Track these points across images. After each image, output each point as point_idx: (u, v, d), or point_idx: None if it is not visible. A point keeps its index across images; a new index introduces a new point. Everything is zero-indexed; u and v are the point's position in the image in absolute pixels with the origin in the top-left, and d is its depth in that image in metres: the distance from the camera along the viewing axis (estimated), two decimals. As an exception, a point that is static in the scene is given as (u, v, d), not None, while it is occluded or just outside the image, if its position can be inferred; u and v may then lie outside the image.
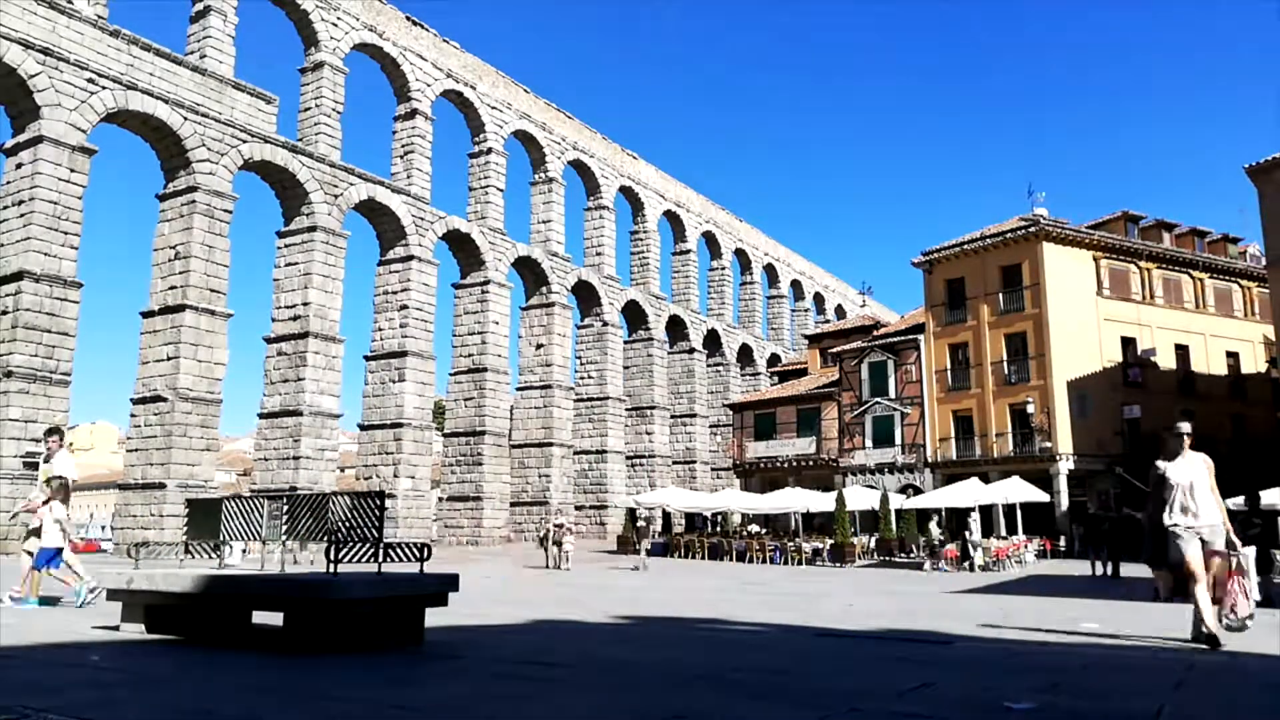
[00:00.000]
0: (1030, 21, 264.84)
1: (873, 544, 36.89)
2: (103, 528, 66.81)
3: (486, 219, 52.03)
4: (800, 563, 34.97)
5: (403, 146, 48.71)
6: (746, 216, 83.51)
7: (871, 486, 41.68)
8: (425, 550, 7.54)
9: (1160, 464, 8.65)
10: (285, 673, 5.55)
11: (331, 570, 6.81)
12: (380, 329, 47.37)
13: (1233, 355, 44.42)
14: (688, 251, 69.75)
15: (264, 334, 43.12)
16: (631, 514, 45.49)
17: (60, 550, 10.62)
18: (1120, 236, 43.25)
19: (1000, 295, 41.17)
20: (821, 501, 38.25)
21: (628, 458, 60.96)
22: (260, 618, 7.56)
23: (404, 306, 46.56)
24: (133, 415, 37.32)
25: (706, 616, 12.07)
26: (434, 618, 7.48)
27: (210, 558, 8.59)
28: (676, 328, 67.16)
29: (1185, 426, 8.69)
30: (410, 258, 46.94)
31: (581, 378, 59.57)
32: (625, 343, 62.72)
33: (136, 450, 36.94)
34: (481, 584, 18.17)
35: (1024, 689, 5.35)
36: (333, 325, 42.59)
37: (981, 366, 41.21)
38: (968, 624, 11.18)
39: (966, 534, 31.28)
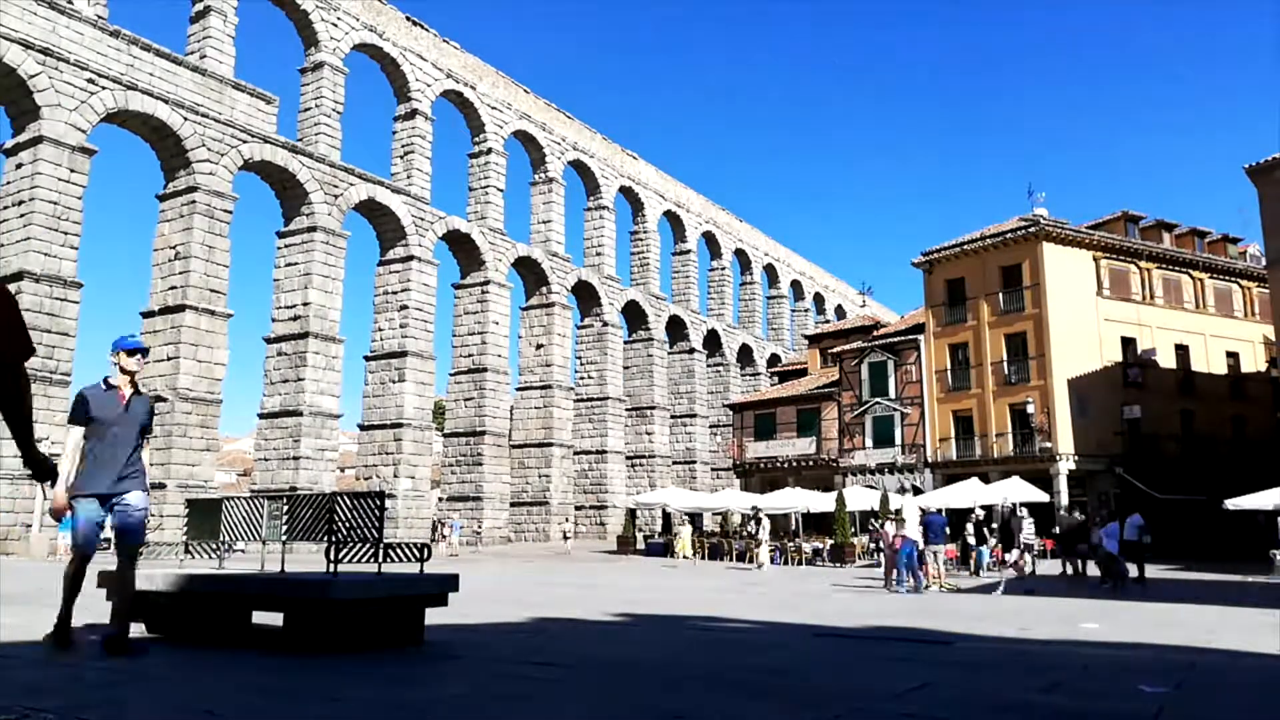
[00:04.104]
0: (1029, 21, 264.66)
1: (872, 544, 36.88)
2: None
3: (486, 219, 52.04)
4: (800, 563, 35.00)
5: (403, 146, 48.72)
6: (746, 216, 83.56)
7: (871, 487, 41.67)
8: (425, 550, 7.54)
9: None
10: (285, 673, 5.55)
11: (331, 570, 6.81)
12: (380, 329, 47.38)
13: (1233, 355, 44.42)
14: (688, 251, 69.76)
15: (264, 334, 43.17)
16: (632, 514, 45.49)
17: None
18: (1120, 236, 43.25)
19: (1000, 295, 41.17)
20: (821, 501, 38.25)
21: (628, 458, 60.97)
22: (260, 618, 7.56)
23: (404, 306, 46.56)
24: (133, 415, 37.29)
25: (706, 616, 12.08)
26: (434, 617, 7.48)
27: (210, 557, 8.60)
28: (676, 328, 67.17)
29: None
30: (410, 258, 46.95)
31: (581, 378, 59.57)
32: (625, 343, 62.74)
33: (136, 450, 36.91)
34: (482, 584, 18.16)
35: (1024, 689, 5.35)
36: (333, 325, 42.60)
37: (981, 366, 41.21)
38: (968, 624, 11.18)
39: (965, 535, 31.22)
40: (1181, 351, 42.83)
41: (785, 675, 5.93)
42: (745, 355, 74.47)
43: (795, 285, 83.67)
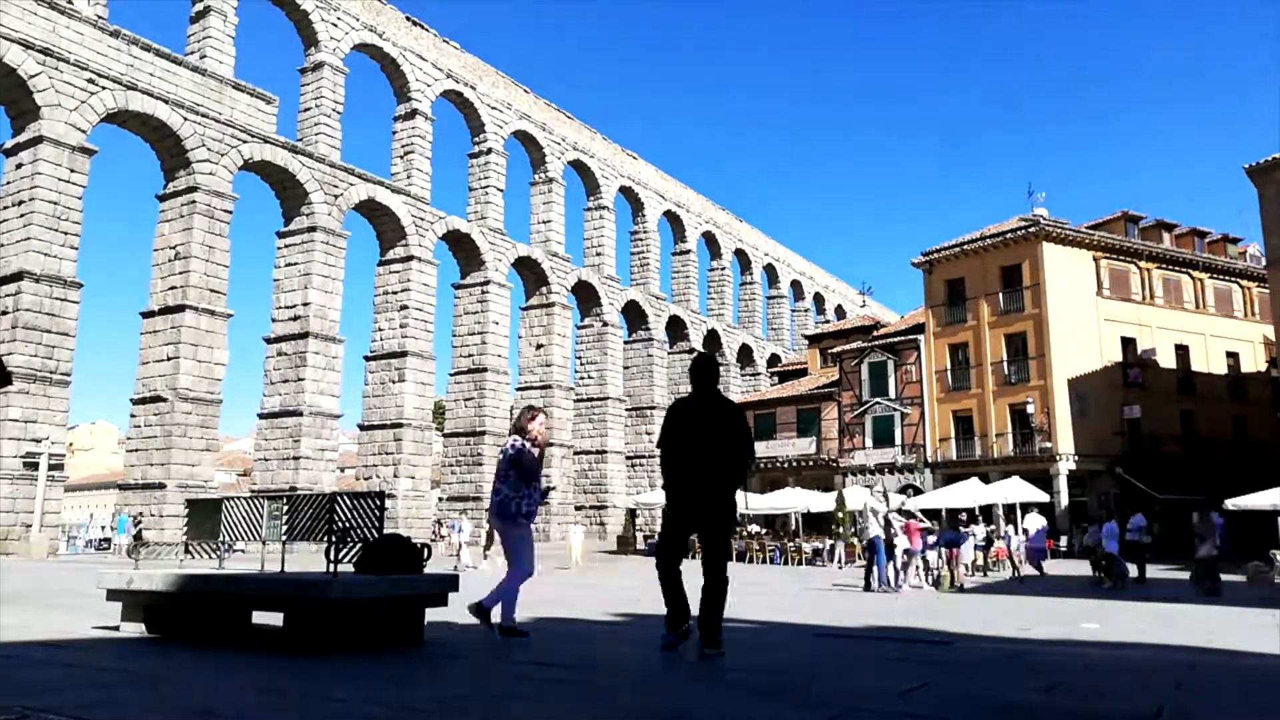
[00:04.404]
0: (1029, 21, 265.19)
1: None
2: (103, 528, 66.82)
3: (486, 219, 52.03)
4: (800, 563, 34.98)
5: (403, 146, 48.72)
6: (746, 216, 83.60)
7: (871, 487, 41.68)
8: (425, 550, 7.54)
9: None
10: (285, 673, 5.54)
11: (331, 570, 6.81)
12: (380, 329, 47.38)
13: (1233, 355, 44.44)
14: (688, 251, 69.76)
15: (264, 334, 43.21)
16: (632, 514, 45.51)
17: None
18: (1120, 236, 43.27)
19: (1000, 295, 41.19)
20: (821, 501, 38.24)
21: (628, 458, 60.96)
22: (260, 618, 7.55)
23: (404, 306, 46.56)
24: (133, 415, 37.33)
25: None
26: (434, 617, 7.48)
27: (210, 557, 8.59)
28: (676, 328, 67.15)
29: None
30: (410, 258, 46.95)
31: (581, 378, 59.57)
32: (625, 343, 62.74)
33: (136, 450, 36.94)
34: (482, 584, 18.15)
35: (1024, 689, 5.35)
36: (333, 325, 42.60)
37: (981, 366, 41.23)
38: (967, 624, 11.18)
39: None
40: (1181, 351, 42.84)
41: (786, 675, 5.93)
42: (745, 355, 74.45)
43: (795, 285, 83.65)
